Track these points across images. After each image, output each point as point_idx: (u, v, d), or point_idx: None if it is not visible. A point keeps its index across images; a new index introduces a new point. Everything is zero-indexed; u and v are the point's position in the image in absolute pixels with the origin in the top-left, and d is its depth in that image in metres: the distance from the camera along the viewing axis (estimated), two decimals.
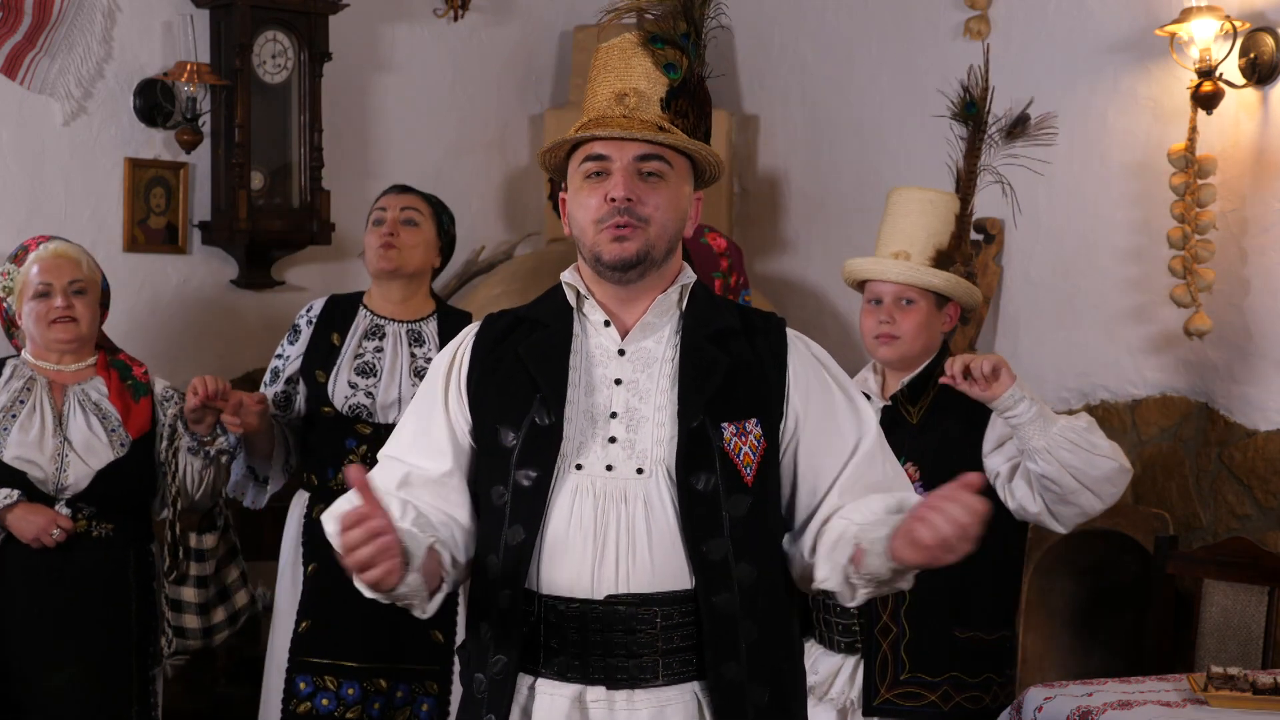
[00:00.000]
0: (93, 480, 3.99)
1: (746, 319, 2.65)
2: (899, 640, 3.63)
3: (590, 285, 2.62)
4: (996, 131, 3.90)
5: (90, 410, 4.05)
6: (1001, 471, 3.63)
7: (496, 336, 2.64)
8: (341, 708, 4.15)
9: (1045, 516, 3.60)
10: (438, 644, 4.19)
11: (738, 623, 2.50)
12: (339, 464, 4.17)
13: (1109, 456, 3.53)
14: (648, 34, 2.61)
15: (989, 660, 3.68)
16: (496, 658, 2.52)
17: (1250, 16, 4.56)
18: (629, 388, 2.56)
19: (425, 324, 4.30)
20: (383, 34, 5.72)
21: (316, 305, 4.35)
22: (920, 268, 3.73)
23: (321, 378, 4.21)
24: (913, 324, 3.73)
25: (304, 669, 4.17)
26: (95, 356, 4.14)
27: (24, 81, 4.97)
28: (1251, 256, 4.62)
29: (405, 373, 4.22)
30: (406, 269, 4.27)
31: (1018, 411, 3.50)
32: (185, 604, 4.16)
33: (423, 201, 4.34)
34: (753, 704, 2.50)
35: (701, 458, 2.51)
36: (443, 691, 4.20)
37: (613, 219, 2.54)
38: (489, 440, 2.57)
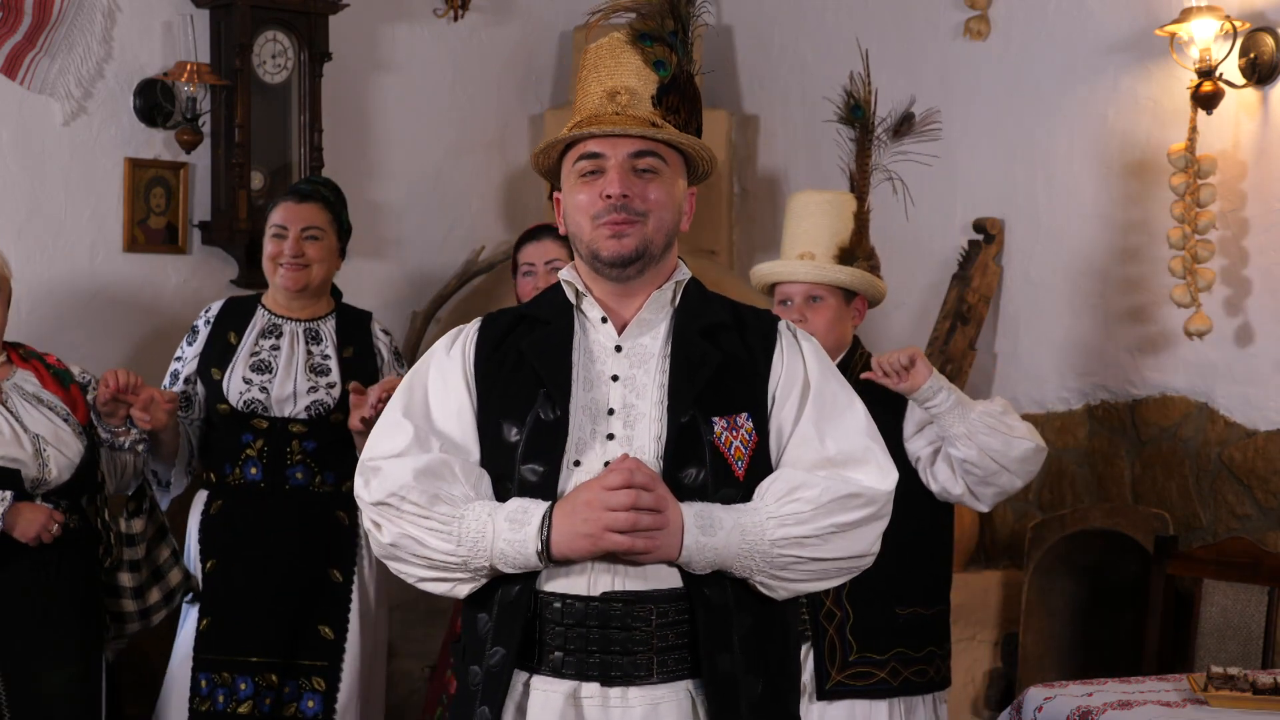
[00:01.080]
0: (74, 472, 3.97)
1: (738, 314, 2.67)
2: (844, 623, 3.75)
3: (588, 282, 2.64)
4: (884, 132, 4.04)
5: (34, 403, 4.00)
6: (923, 455, 3.76)
7: (499, 333, 2.66)
8: (234, 704, 4.19)
9: (967, 497, 3.75)
10: (327, 640, 4.25)
11: (731, 615, 2.51)
12: (236, 459, 4.25)
13: (1025, 438, 3.68)
14: (636, 32, 2.64)
15: (930, 634, 3.83)
16: (495, 649, 2.52)
17: (1250, 16, 4.56)
18: (626, 384, 2.58)
19: (323, 322, 4.39)
20: (383, 34, 5.72)
21: (214, 306, 4.43)
22: (826, 265, 3.86)
23: (217, 375, 4.28)
24: (824, 320, 3.84)
25: (206, 666, 4.22)
26: (5, 353, 4.08)
27: (24, 81, 4.96)
28: (1251, 256, 4.62)
29: (301, 369, 4.28)
30: (313, 286, 4.36)
31: (937, 401, 3.65)
32: (121, 589, 4.14)
33: (322, 211, 4.40)
34: (746, 696, 2.51)
35: (691, 452, 2.52)
36: (330, 688, 4.22)
37: (609, 215, 2.56)
38: (493, 435, 2.58)
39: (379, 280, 5.55)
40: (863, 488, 2.54)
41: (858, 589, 3.66)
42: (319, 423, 4.26)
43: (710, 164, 2.68)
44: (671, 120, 2.62)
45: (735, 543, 2.48)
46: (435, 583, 2.56)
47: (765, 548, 2.49)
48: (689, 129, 2.65)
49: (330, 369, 4.32)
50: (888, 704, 3.75)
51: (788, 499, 2.51)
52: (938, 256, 5.44)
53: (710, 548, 2.47)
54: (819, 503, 2.50)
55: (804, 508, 2.50)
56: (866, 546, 2.57)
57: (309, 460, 4.25)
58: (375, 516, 2.57)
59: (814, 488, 2.51)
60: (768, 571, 2.51)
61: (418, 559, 2.54)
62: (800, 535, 2.50)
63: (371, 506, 2.57)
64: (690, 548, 2.46)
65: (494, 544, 2.48)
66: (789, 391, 2.61)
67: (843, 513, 2.51)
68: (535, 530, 2.46)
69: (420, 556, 2.53)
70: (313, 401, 4.26)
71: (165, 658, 4.47)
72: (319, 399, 4.27)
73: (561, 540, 2.45)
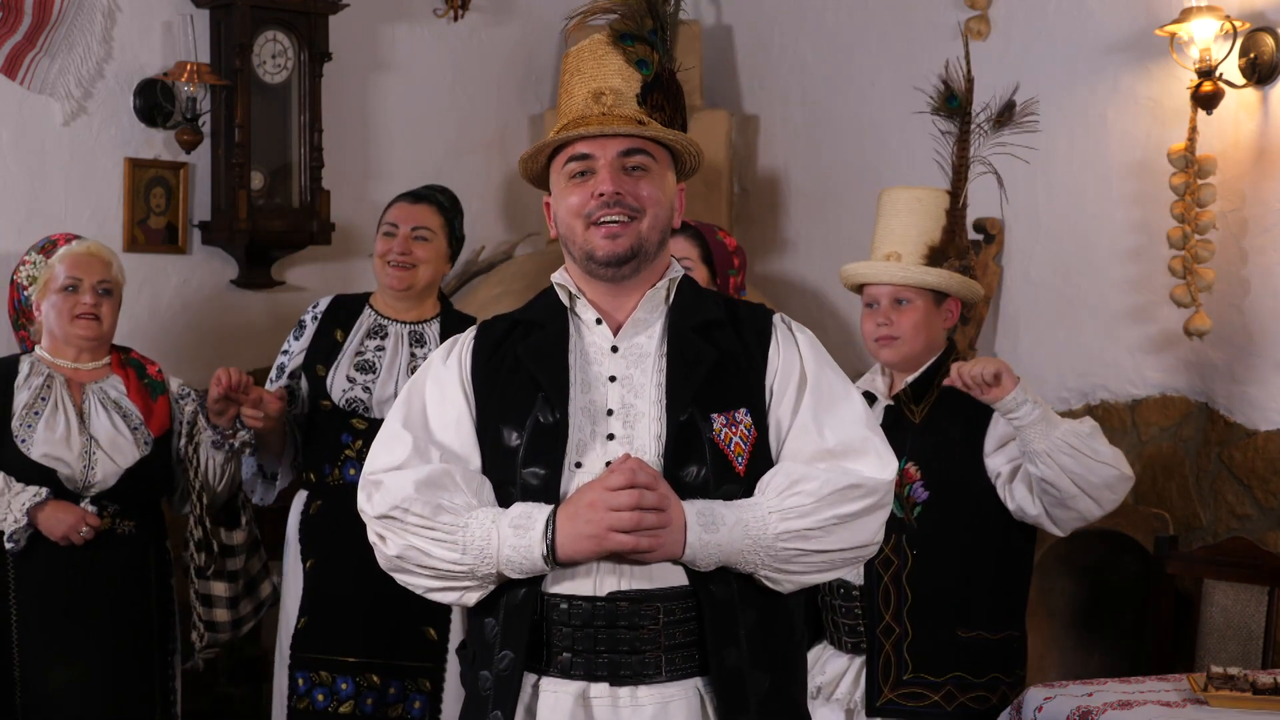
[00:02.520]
0: (120, 478, 4.03)
1: (732, 309, 2.68)
2: (901, 640, 3.63)
3: (581, 285, 2.65)
4: (985, 121, 3.90)
5: (111, 408, 4.09)
6: (1003, 472, 3.64)
7: (495, 340, 2.67)
8: (335, 703, 4.17)
9: (1044, 519, 3.61)
10: (432, 641, 4.21)
11: (737, 610, 2.51)
12: (335, 460, 4.21)
13: (1110, 464, 3.54)
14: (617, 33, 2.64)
15: (994, 660, 3.67)
16: (503, 653, 2.52)
17: (1250, 16, 4.56)
18: (624, 384, 2.58)
19: (428, 325, 4.33)
20: (383, 34, 5.72)
21: (323, 302, 4.38)
22: (912, 267, 3.75)
23: (321, 372, 4.24)
24: (910, 323, 3.74)
25: (303, 665, 4.20)
26: (110, 355, 4.19)
27: (24, 81, 4.96)
28: (1251, 256, 4.62)
29: (404, 371, 4.25)
30: (418, 287, 4.31)
31: (1021, 414, 3.51)
32: (216, 598, 4.20)
33: (435, 213, 4.35)
34: (754, 691, 2.51)
35: (691, 450, 2.53)
36: (435, 689, 4.21)
37: (600, 212, 2.56)
38: (490, 441, 2.59)
39: None
40: (863, 478, 2.54)
41: (919, 606, 3.62)
42: None
43: (697, 159, 2.69)
44: (657, 118, 2.63)
45: (738, 538, 2.48)
46: (443, 592, 2.56)
47: (768, 542, 2.49)
48: (674, 125, 2.66)
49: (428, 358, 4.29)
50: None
51: (789, 492, 2.51)
52: None
53: (713, 544, 2.47)
54: (820, 495, 2.50)
55: (805, 500, 2.50)
56: (870, 536, 2.57)
57: None
58: (380, 530, 2.57)
59: (814, 480, 2.51)
60: (772, 565, 2.51)
61: (424, 570, 2.54)
62: (803, 528, 2.50)
63: (375, 520, 2.57)
64: (693, 545, 2.47)
65: (499, 551, 2.48)
66: (786, 384, 2.61)
67: (844, 504, 2.52)
68: (539, 534, 2.46)
69: (426, 567, 2.54)
70: None
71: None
72: None
73: (566, 543, 2.45)
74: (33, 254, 4.24)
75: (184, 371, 4.64)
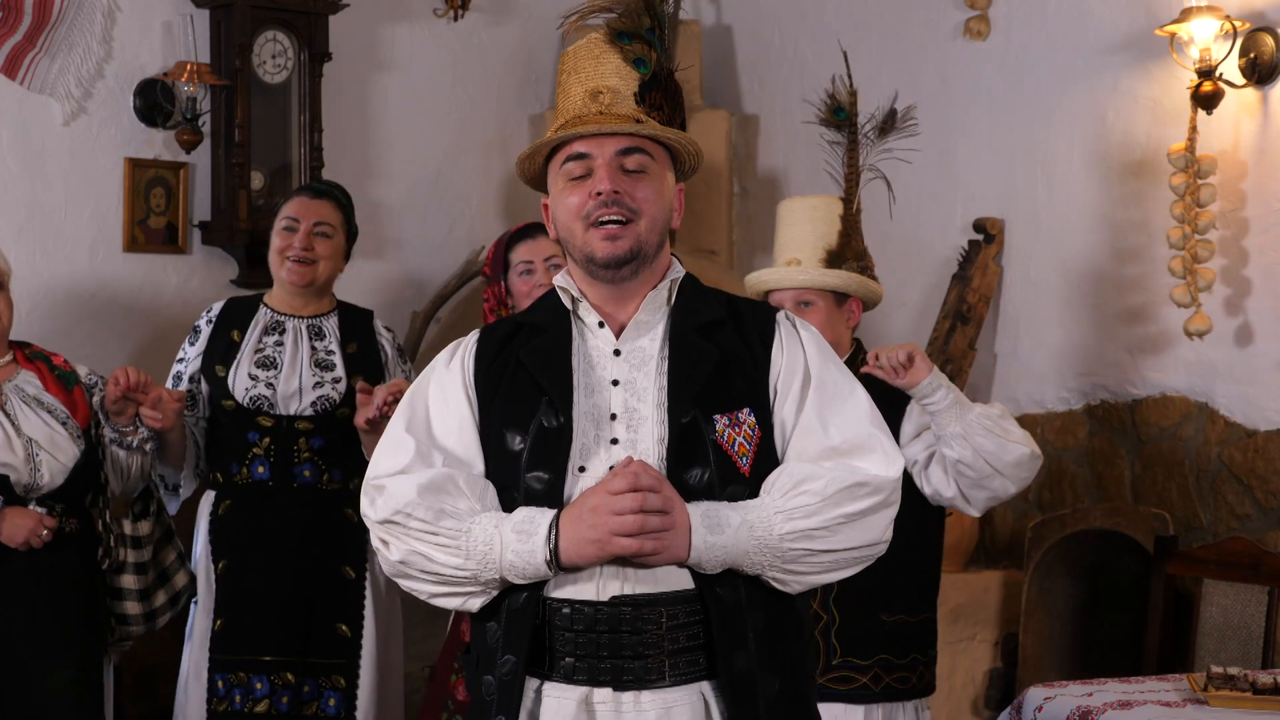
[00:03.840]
0: (67, 477, 3.96)
1: (734, 308, 2.66)
2: (829, 627, 3.76)
3: (583, 287, 2.63)
4: (870, 130, 4.07)
5: (35, 405, 4.00)
6: (919, 459, 3.75)
7: (498, 343, 2.65)
8: (250, 703, 4.18)
9: (959, 500, 3.74)
10: (345, 638, 4.26)
11: (744, 612, 2.50)
12: (243, 459, 4.23)
13: (1021, 442, 3.67)
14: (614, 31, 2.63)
15: (914, 641, 3.83)
16: (506, 658, 2.51)
17: (1250, 16, 4.56)
18: (626, 388, 2.57)
19: (325, 319, 4.38)
20: (383, 34, 5.72)
21: (215, 307, 4.43)
22: (812, 270, 3.90)
23: (221, 372, 4.28)
24: (815, 324, 3.82)
25: (221, 667, 4.21)
26: (12, 352, 4.09)
27: (24, 81, 4.96)
28: (1251, 256, 4.62)
29: (306, 364, 4.28)
30: (318, 282, 4.36)
31: (935, 399, 3.65)
32: (126, 591, 4.14)
33: (334, 209, 4.40)
34: (763, 694, 2.50)
35: (694, 452, 2.51)
36: (350, 686, 4.22)
37: (599, 212, 2.55)
38: (495, 446, 2.58)
39: (379, 280, 5.55)
40: (869, 476, 2.52)
41: (845, 594, 3.73)
42: (325, 419, 4.25)
43: (697, 158, 2.67)
44: (655, 116, 2.62)
45: (744, 540, 2.46)
46: (447, 598, 2.55)
47: (774, 543, 2.47)
48: (673, 124, 2.65)
49: (335, 364, 4.31)
50: (864, 709, 3.76)
51: (794, 492, 2.49)
52: (938, 256, 5.44)
53: (719, 546, 2.46)
54: (825, 494, 2.49)
55: (810, 500, 2.48)
56: (878, 535, 2.55)
57: (316, 458, 4.25)
58: (383, 535, 2.56)
59: (819, 479, 2.49)
60: (779, 566, 2.49)
61: (427, 575, 2.53)
62: (809, 528, 2.48)
63: (378, 525, 2.56)
64: (699, 548, 2.45)
65: (502, 556, 2.47)
66: (790, 382, 2.59)
67: (850, 502, 2.50)
68: (543, 540, 2.45)
69: (430, 573, 2.52)
70: (319, 397, 4.26)
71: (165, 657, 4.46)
72: (325, 394, 4.26)
73: (569, 547, 2.44)
74: None
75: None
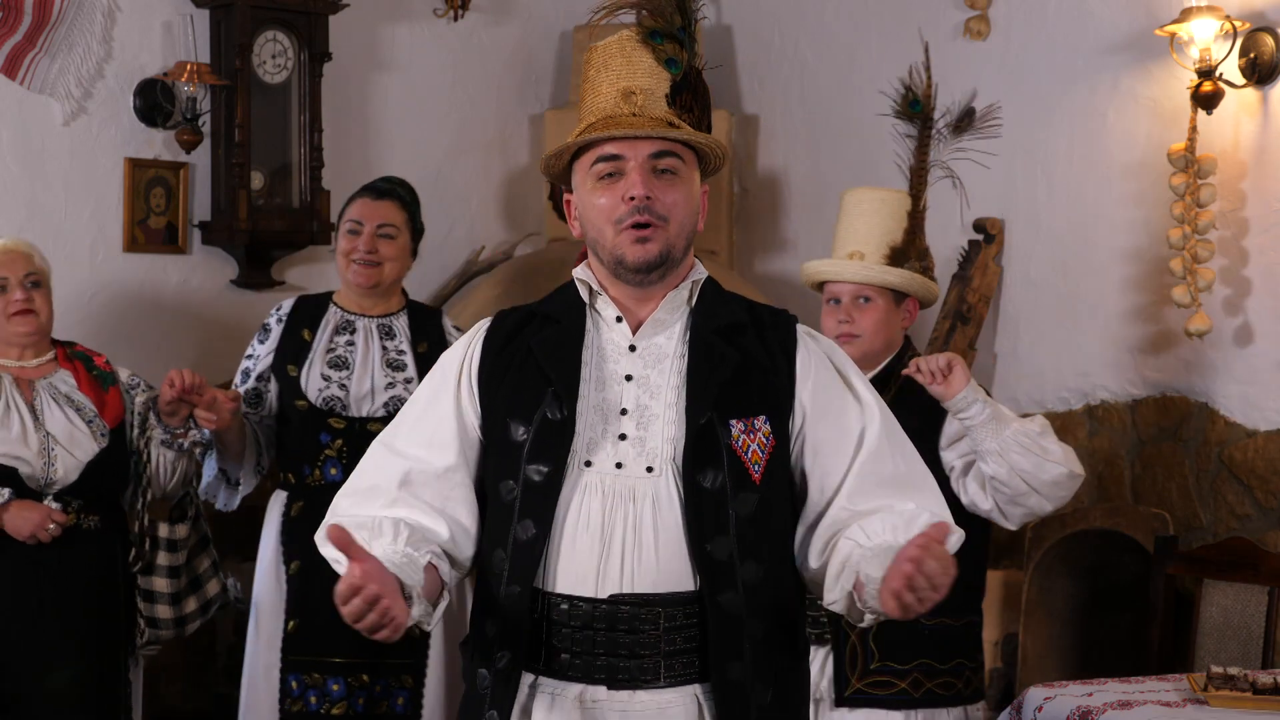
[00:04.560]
0: (82, 472, 3.99)
1: (755, 314, 2.64)
2: (867, 631, 3.65)
3: (604, 283, 2.60)
4: (945, 127, 3.96)
5: (64, 403, 4.04)
6: (956, 467, 3.68)
7: (509, 331, 2.63)
8: (327, 704, 4.17)
9: (995, 514, 3.65)
10: (413, 637, 4.21)
11: (743, 622, 2.49)
12: (315, 460, 4.20)
13: (1059, 462, 3.56)
14: (647, 30, 2.60)
15: (958, 646, 3.73)
16: (501, 653, 2.51)
17: (1250, 16, 4.56)
18: (639, 384, 2.55)
19: (395, 318, 4.35)
20: (383, 34, 5.72)
21: (286, 304, 4.39)
22: (875, 266, 3.81)
23: (294, 371, 4.24)
24: (871, 322, 3.79)
25: (295, 668, 4.18)
26: (54, 350, 4.14)
27: (24, 81, 4.96)
28: (1251, 256, 4.62)
29: (378, 365, 4.25)
30: (384, 284, 4.32)
31: (970, 413, 3.56)
32: (157, 594, 4.16)
33: (398, 209, 4.34)
34: (756, 704, 2.49)
35: (709, 455, 2.49)
36: (416, 684, 4.22)
37: (632, 217, 2.52)
38: (499, 434, 2.56)
39: None
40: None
41: None
42: None
43: (722, 160, 2.65)
44: (686, 119, 2.58)
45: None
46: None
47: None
48: (701, 127, 2.61)
49: (406, 364, 4.27)
50: (903, 715, 3.66)
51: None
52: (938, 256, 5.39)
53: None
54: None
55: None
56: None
57: None
58: None
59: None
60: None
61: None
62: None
63: None
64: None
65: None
66: (830, 400, 2.58)
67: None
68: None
69: None
70: (391, 398, 4.20)
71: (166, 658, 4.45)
72: (397, 395, 4.21)
73: None
74: None
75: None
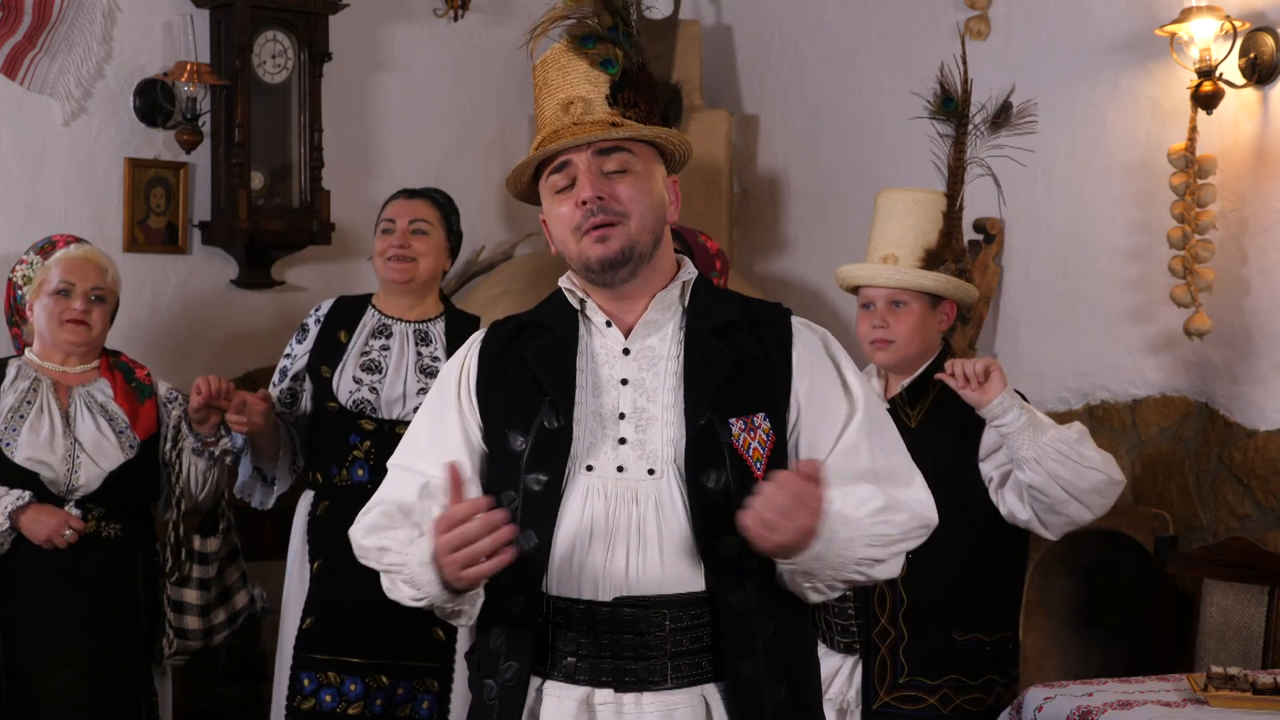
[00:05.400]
0: (104, 481, 4.01)
1: (750, 310, 2.64)
2: (897, 644, 3.62)
3: (587, 291, 2.62)
4: (981, 124, 3.88)
5: (97, 412, 4.07)
6: (994, 477, 3.63)
7: (503, 341, 2.64)
8: (344, 704, 4.17)
9: (1035, 524, 3.60)
10: (439, 641, 4.20)
11: (753, 619, 2.49)
12: (343, 460, 4.20)
13: (1098, 469, 3.52)
14: (574, 38, 2.60)
15: (989, 662, 3.67)
16: (508, 664, 2.50)
17: (1250, 16, 4.56)
18: (636, 387, 2.55)
19: (433, 324, 4.33)
20: (383, 34, 5.72)
21: (325, 305, 4.39)
22: (909, 270, 3.74)
23: (326, 373, 4.24)
24: (906, 326, 3.73)
25: (308, 665, 4.19)
26: (99, 359, 4.17)
27: (24, 81, 4.96)
28: (1251, 256, 4.62)
29: (411, 370, 4.25)
30: (419, 280, 4.31)
31: (1006, 420, 3.50)
32: (187, 605, 4.19)
33: (431, 207, 4.36)
34: (770, 701, 2.49)
35: (711, 455, 2.50)
36: (443, 689, 4.20)
37: (589, 220, 2.53)
38: (498, 445, 2.57)
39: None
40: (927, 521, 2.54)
41: (914, 610, 3.60)
42: None
43: (685, 148, 2.63)
44: (631, 115, 2.57)
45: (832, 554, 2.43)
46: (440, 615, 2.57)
47: (843, 563, 2.45)
48: (651, 120, 2.60)
49: (439, 370, 4.29)
50: None
51: (879, 519, 2.47)
52: None
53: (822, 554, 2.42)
54: (905, 529, 2.49)
55: (892, 531, 2.47)
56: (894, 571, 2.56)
57: None
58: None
59: (903, 512, 2.49)
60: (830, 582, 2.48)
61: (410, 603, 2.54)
62: (874, 557, 2.47)
63: None
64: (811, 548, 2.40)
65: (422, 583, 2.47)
66: (824, 395, 2.57)
67: (911, 541, 2.52)
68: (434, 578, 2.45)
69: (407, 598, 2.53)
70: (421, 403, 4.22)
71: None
72: None
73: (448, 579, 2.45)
74: (31, 254, 4.23)
75: (184, 372, 4.64)
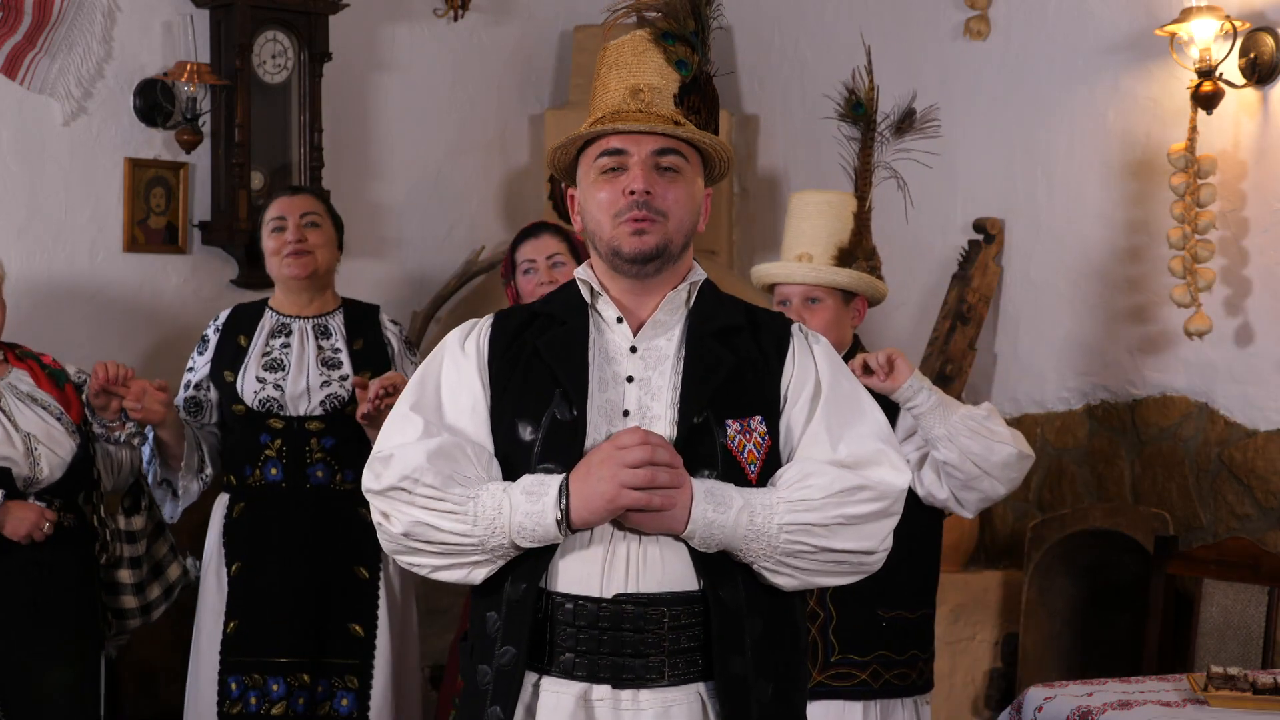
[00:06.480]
0: (66, 471, 3.98)
1: (752, 316, 2.67)
2: (826, 624, 3.73)
3: (604, 281, 2.63)
4: (886, 128, 4.00)
5: (29, 402, 4.03)
6: (912, 459, 3.72)
7: (512, 331, 2.64)
8: (267, 705, 4.19)
9: (951, 502, 3.71)
10: (358, 637, 4.26)
11: (744, 618, 2.50)
12: (255, 461, 4.26)
13: (1008, 443, 3.63)
14: (659, 31, 2.64)
15: (913, 638, 3.79)
16: (505, 648, 2.51)
17: (1250, 16, 4.56)
18: (641, 385, 2.57)
19: (331, 317, 4.41)
20: (383, 34, 5.72)
21: (222, 315, 4.46)
22: (823, 267, 3.86)
23: (230, 377, 4.30)
24: (822, 322, 3.82)
25: (234, 669, 4.21)
26: (2, 352, 4.11)
27: (24, 81, 4.96)
28: (1251, 256, 4.62)
29: (313, 364, 4.30)
30: (320, 271, 4.38)
31: (918, 401, 3.62)
32: (121, 585, 4.17)
33: (317, 201, 4.48)
34: (756, 699, 2.51)
35: (703, 454, 2.51)
36: (362, 686, 4.23)
37: (631, 211, 2.55)
38: (506, 435, 2.57)
39: (379, 280, 5.55)
40: (874, 481, 2.52)
41: (841, 590, 3.65)
42: (336, 418, 4.26)
43: (727, 165, 2.68)
44: (693, 120, 2.62)
45: (743, 523, 2.47)
46: (450, 569, 2.54)
47: (773, 532, 2.47)
48: (708, 129, 2.65)
49: (342, 362, 4.33)
50: (862, 705, 3.73)
51: (799, 485, 2.50)
52: (938, 256, 5.44)
53: (718, 525, 2.46)
54: (829, 490, 2.49)
55: (814, 495, 2.49)
56: (876, 543, 2.55)
57: (328, 458, 4.26)
58: (385, 507, 2.54)
59: (825, 475, 2.50)
60: (773, 558, 2.49)
61: (431, 546, 2.51)
62: (808, 522, 2.48)
63: (381, 496, 2.54)
64: (697, 520, 2.45)
65: (511, 519, 2.46)
66: (800, 391, 2.60)
67: (852, 505, 2.50)
68: (554, 499, 2.45)
69: (434, 543, 2.51)
70: (327, 395, 4.27)
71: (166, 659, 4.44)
72: (333, 392, 4.27)
73: (580, 505, 2.44)
74: None
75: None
